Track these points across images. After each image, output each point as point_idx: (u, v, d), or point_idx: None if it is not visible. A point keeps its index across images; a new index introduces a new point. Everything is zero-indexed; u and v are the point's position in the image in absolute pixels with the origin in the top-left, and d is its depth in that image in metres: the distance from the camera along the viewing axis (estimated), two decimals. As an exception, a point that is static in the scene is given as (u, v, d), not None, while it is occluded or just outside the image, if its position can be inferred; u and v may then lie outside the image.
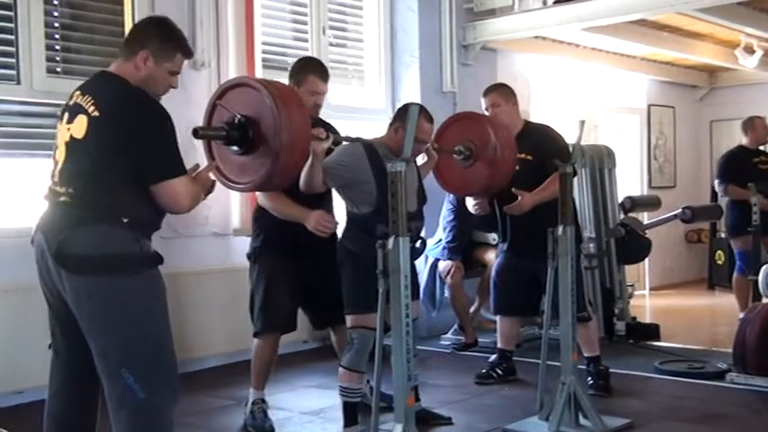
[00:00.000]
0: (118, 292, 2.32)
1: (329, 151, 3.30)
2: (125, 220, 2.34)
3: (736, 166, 6.20)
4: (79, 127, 2.37)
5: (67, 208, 2.37)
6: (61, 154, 2.43)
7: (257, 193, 3.50)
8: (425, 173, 3.82)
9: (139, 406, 2.32)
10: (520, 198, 4.04)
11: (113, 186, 2.34)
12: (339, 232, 3.52)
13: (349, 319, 3.35)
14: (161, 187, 2.35)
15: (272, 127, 2.58)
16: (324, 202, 3.59)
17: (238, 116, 2.63)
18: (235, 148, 2.67)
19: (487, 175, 3.90)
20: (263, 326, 3.61)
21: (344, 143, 3.36)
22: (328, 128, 3.56)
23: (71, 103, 2.46)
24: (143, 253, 2.39)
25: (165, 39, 2.51)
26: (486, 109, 4.27)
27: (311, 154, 3.14)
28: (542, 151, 4.06)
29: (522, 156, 4.06)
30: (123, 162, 2.33)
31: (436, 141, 3.94)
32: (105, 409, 2.52)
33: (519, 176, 4.01)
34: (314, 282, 3.66)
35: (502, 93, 4.30)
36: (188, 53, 2.58)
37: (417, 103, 3.34)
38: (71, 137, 2.39)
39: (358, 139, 3.41)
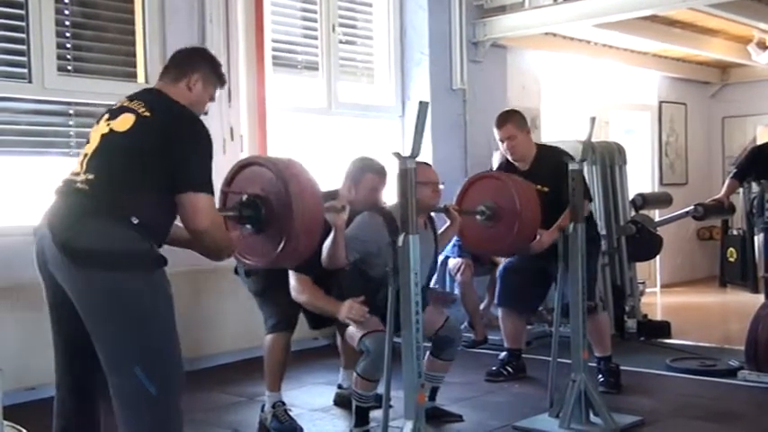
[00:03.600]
0: (122, 289, 2.31)
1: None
2: (134, 221, 2.32)
3: (762, 161, 6.09)
4: (123, 122, 2.41)
5: (78, 197, 2.36)
6: (92, 145, 2.44)
7: (292, 287, 3.51)
8: (450, 237, 3.86)
9: (151, 402, 2.31)
10: (539, 237, 4.00)
11: (134, 184, 2.35)
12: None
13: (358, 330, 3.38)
14: (185, 198, 2.36)
15: (283, 202, 2.57)
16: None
17: (246, 195, 2.64)
18: (248, 227, 2.66)
19: (511, 236, 3.86)
20: (273, 327, 3.63)
21: (364, 213, 3.34)
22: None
23: (115, 106, 2.51)
24: (148, 252, 2.36)
25: (213, 66, 2.67)
26: (501, 140, 4.24)
27: (333, 228, 3.13)
28: (558, 182, 3.93)
29: (539, 188, 4.02)
30: (156, 164, 2.35)
31: (458, 203, 3.93)
32: (109, 409, 2.50)
33: None
34: None
35: (517, 123, 4.25)
36: (224, 82, 2.72)
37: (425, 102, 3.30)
38: (111, 129, 2.42)
39: (380, 209, 3.36)
